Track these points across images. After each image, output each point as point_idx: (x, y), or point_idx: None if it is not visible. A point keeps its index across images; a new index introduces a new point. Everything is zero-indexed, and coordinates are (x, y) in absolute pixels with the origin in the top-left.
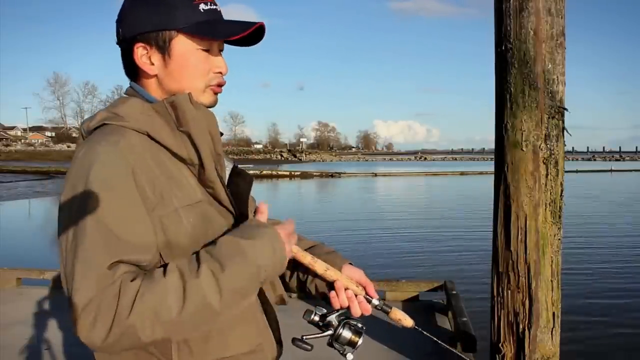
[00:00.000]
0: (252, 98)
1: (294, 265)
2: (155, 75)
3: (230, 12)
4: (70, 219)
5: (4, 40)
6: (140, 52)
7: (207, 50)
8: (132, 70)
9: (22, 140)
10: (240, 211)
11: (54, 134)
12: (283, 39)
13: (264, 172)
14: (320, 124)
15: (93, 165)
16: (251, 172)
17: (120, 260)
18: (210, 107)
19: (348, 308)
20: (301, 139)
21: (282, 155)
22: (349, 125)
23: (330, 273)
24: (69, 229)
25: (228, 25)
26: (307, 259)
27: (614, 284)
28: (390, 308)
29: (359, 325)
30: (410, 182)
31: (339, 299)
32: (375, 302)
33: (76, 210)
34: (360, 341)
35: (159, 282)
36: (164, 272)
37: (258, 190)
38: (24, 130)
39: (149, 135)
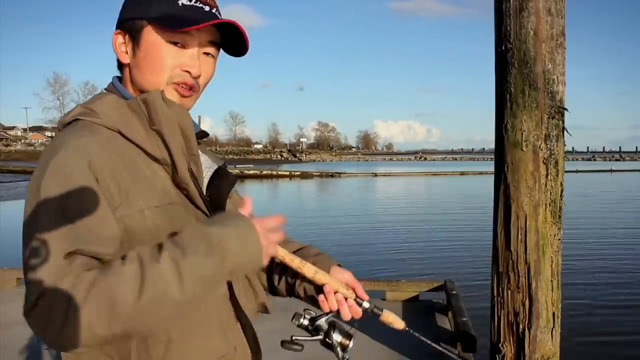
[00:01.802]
0: (252, 98)
1: (282, 268)
2: (128, 65)
3: (230, 12)
4: (30, 207)
5: (4, 40)
6: (119, 40)
7: (182, 47)
8: (119, 61)
9: (22, 140)
10: (215, 214)
11: (53, 134)
12: (283, 39)
13: (264, 172)
14: (320, 124)
15: (54, 156)
16: (251, 172)
17: (78, 250)
18: None
19: (338, 311)
20: (301, 139)
21: (282, 155)
22: (349, 125)
23: (320, 276)
24: (28, 217)
25: (193, 17)
26: (295, 262)
27: (615, 284)
28: (382, 310)
29: (349, 327)
30: (411, 182)
31: (328, 303)
32: (366, 304)
33: (36, 199)
34: (351, 344)
35: (116, 270)
36: (123, 261)
37: (258, 190)
38: (24, 130)
39: (121, 134)
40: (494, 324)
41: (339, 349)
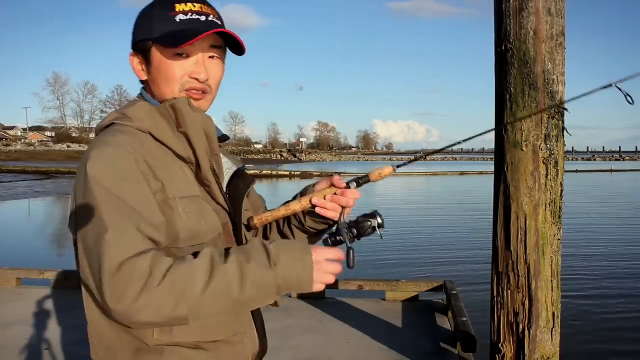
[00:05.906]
0: (252, 98)
1: (276, 226)
2: (147, 81)
3: (231, 12)
4: (90, 205)
5: (4, 40)
6: (135, 60)
7: (187, 57)
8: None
9: (22, 140)
10: (234, 210)
11: (54, 134)
12: (283, 39)
13: (264, 172)
14: (320, 124)
15: (102, 154)
16: (251, 172)
17: (147, 234)
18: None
19: (340, 219)
20: (301, 139)
21: (282, 155)
22: (349, 125)
23: (305, 200)
24: (89, 213)
25: (188, 33)
26: (280, 211)
27: (615, 283)
28: (367, 176)
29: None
30: (410, 182)
31: (328, 209)
32: (352, 183)
33: (94, 196)
34: (379, 219)
35: (190, 262)
36: (196, 256)
37: (258, 190)
38: (24, 130)
39: (152, 135)
40: (494, 324)
41: (378, 230)
